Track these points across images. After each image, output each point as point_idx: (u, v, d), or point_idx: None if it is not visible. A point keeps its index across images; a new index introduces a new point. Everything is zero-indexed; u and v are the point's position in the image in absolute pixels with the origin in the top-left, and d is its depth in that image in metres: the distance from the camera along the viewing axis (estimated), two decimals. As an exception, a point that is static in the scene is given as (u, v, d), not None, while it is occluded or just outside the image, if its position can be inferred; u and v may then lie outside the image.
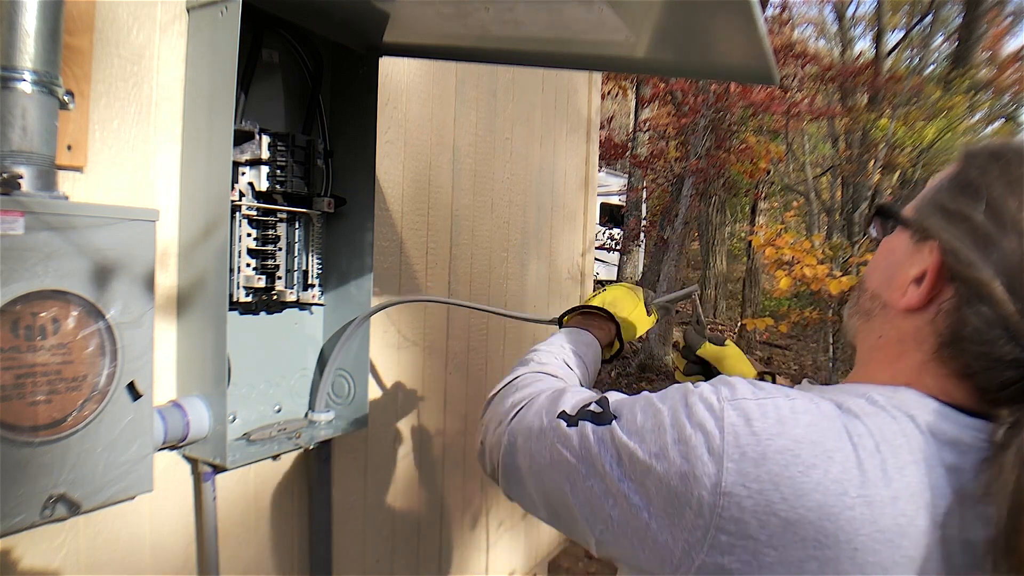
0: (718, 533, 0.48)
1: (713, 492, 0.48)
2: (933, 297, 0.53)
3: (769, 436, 0.48)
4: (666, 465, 0.51)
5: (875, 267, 0.62)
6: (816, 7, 15.06)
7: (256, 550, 1.27)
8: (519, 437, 0.67)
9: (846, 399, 0.52)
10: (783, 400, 0.51)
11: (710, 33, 0.98)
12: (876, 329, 0.59)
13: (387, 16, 1.20)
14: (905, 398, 0.52)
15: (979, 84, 9.96)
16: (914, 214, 0.58)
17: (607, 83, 7.72)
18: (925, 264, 0.54)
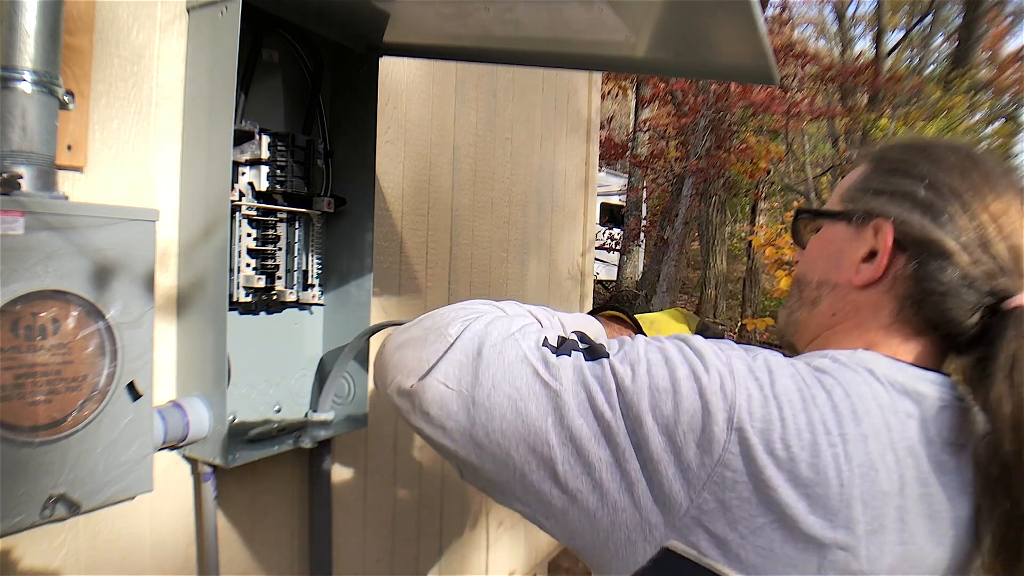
0: (724, 469, 0.50)
1: (725, 428, 0.50)
2: (887, 268, 0.60)
3: (767, 382, 0.52)
4: (676, 399, 0.51)
5: (813, 261, 0.68)
6: (816, 7, 15.06)
7: (256, 550, 1.27)
8: (471, 355, 0.56)
9: (811, 360, 0.57)
10: (769, 355, 0.56)
11: (710, 33, 0.98)
12: (827, 309, 0.65)
13: (387, 16, 1.20)
14: (863, 356, 0.58)
15: (979, 84, 9.97)
16: (846, 204, 0.65)
17: (607, 83, 7.72)
18: (871, 243, 0.62)
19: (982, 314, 0.58)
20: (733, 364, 0.53)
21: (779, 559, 0.50)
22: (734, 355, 0.55)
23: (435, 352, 0.58)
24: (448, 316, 0.61)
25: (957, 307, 0.58)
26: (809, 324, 0.67)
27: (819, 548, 0.50)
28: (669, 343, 0.56)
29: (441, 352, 0.57)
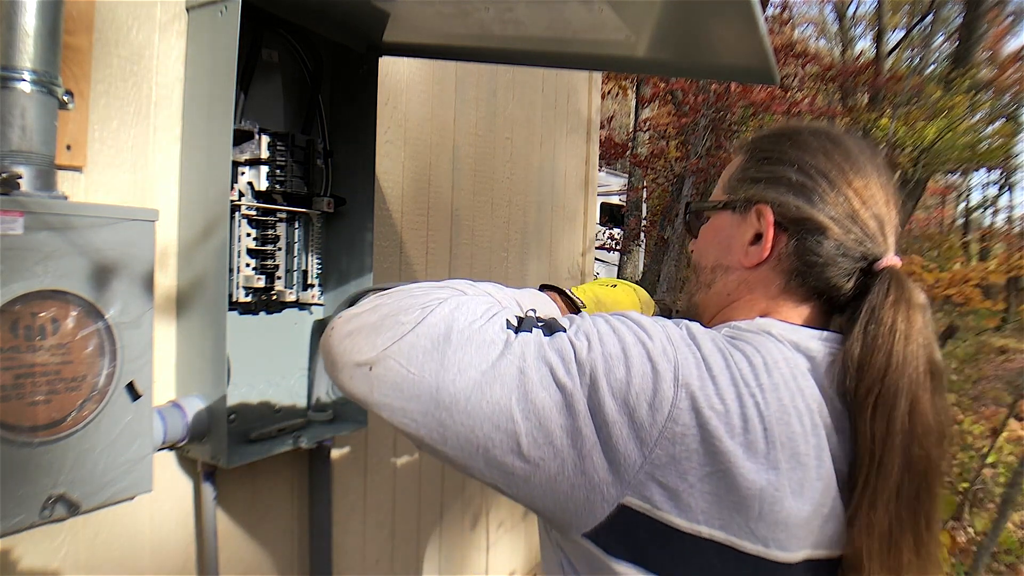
0: (673, 424, 0.54)
1: (672, 386, 0.54)
2: (772, 247, 0.67)
3: (695, 347, 0.58)
4: (627, 364, 0.55)
5: (705, 248, 0.75)
6: (816, 7, 15.05)
7: (256, 550, 1.27)
8: (444, 339, 0.57)
9: (720, 329, 0.65)
10: (692, 325, 0.61)
11: (710, 33, 0.98)
12: (722, 291, 0.72)
13: (387, 16, 1.20)
14: (761, 322, 0.65)
15: (980, 84, 9.96)
16: (729, 194, 0.72)
17: (607, 83, 7.72)
18: (755, 226, 0.68)
19: (857, 277, 0.66)
20: (669, 332, 0.59)
21: (724, 505, 0.55)
22: (668, 325, 0.60)
23: (390, 338, 0.58)
24: (405, 302, 0.60)
25: (835, 274, 0.65)
26: (708, 304, 0.74)
27: (757, 491, 0.55)
28: (614, 318, 0.61)
29: (398, 337, 0.57)
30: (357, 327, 0.60)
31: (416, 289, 0.64)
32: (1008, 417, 4.06)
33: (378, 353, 0.57)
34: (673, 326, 0.60)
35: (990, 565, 3.11)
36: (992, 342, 9.96)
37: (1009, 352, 9.83)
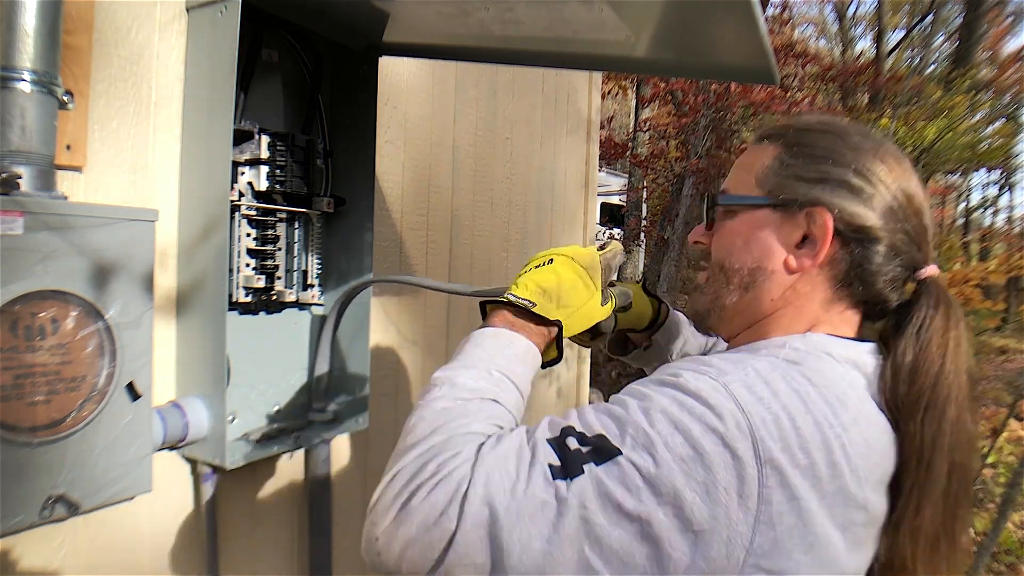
0: (766, 506, 0.50)
1: (755, 465, 0.50)
2: (825, 253, 0.63)
3: (769, 399, 0.53)
4: (705, 462, 0.50)
5: (738, 247, 0.68)
6: (817, 7, 15.06)
7: (256, 550, 1.27)
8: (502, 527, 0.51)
9: (778, 352, 0.60)
10: (754, 363, 0.57)
11: (710, 33, 0.98)
12: (763, 296, 0.67)
13: (387, 16, 1.20)
14: (816, 340, 0.62)
15: (980, 84, 9.96)
16: (769, 191, 0.67)
17: (607, 83, 7.72)
18: (803, 229, 0.64)
19: (901, 287, 0.65)
20: (734, 392, 0.53)
21: (834, 561, 0.53)
22: (729, 380, 0.54)
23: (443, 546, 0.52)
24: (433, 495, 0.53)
25: (884, 284, 0.64)
26: (742, 310, 0.68)
27: (855, 535, 0.54)
28: (664, 399, 0.54)
29: (448, 541, 0.52)
30: (405, 542, 0.54)
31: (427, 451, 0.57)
32: (1008, 417, 4.07)
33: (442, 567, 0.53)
34: (736, 376, 0.54)
35: (990, 565, 3.11)
36: (992, 342, 9.96)
37: (1009, 352, 9.83)
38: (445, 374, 0.66)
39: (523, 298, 0.74)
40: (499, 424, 0.62)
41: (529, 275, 0.77)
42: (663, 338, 1.04)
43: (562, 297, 0.76)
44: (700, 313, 0.73)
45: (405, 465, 0.58)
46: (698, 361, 0.58)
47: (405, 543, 0.54)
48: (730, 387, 0.54)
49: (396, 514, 0.55)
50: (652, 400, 0.54)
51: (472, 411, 0.61)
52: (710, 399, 0.52)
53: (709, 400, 0.52)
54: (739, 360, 0.58)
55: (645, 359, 1.07)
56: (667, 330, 1.04)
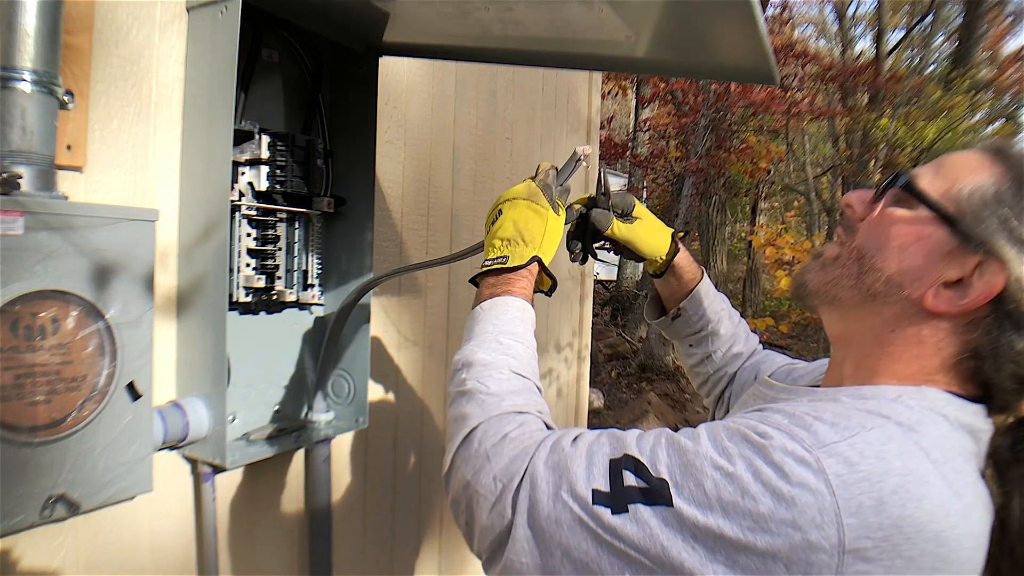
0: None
1: (833, 553, 0.45)
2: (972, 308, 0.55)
3: (878, 477, 0.46)
4: (767, 538, 0.46)
5: (890, 246, 0.60)
6: (816, 7, 15.06)
7: (256, 550, 1.27)
8: (534, 528, 0.54)
9: (891, 410, 0.52)
10: (863, 438, 0.49)
11: (710, 33, 0.97)
12: (888, 320, 0.59)
13: (387, 16, 1.20)
14: (932, 398, 0.54)
15: (979, 84, 9.96)
16: (963, 213, 0.57)
17: (607, 83, 7.72)
18: (966, 271, 0.55)
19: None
20: (828, 469, 0.46)
21: None
22: (826, 453, 0.47)
23: (497, 530, 0.57)
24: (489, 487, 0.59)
25: (1009, 379, 0.56)
26: (859, 318, 0.61)
27: None
28: (741, 462, 0.49)
29: (504, 529, 0.56)
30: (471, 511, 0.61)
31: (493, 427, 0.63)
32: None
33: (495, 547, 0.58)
34: (838, 447, 0.48)
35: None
36: (992, 342, 9.94)
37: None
38: (462, 356, 0.72)
39: (495, 258, 0.81)
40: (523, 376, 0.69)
41: (490, 234, 0.84)
42: (692, 308, 1.04)
43: (524, 234, 0.80)
44: (808, 288, 0.66)
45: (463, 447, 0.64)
46: (796, 418, 0.51)
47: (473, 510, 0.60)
48: (824, 462, 0.47)
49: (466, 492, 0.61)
50: (731, 459, 0.49)
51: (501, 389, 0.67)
52: (792, 473, 0.47)
53: (791, 474, 0.47)
54: (846, 419, 0.50)
55: (675, 331, 1.08)
56: (696, 300, 1.04)
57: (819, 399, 0.57)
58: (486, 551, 0.59)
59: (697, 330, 1.07)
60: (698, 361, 1.09)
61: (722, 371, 1.07)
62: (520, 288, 0.79)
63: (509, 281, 0.79)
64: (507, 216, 0.82)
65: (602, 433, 0.59)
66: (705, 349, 1.08)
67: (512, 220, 0.81)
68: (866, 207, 0.64)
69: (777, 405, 0.58)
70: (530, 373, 0.71)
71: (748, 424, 0.52)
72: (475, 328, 0.75)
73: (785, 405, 0.56)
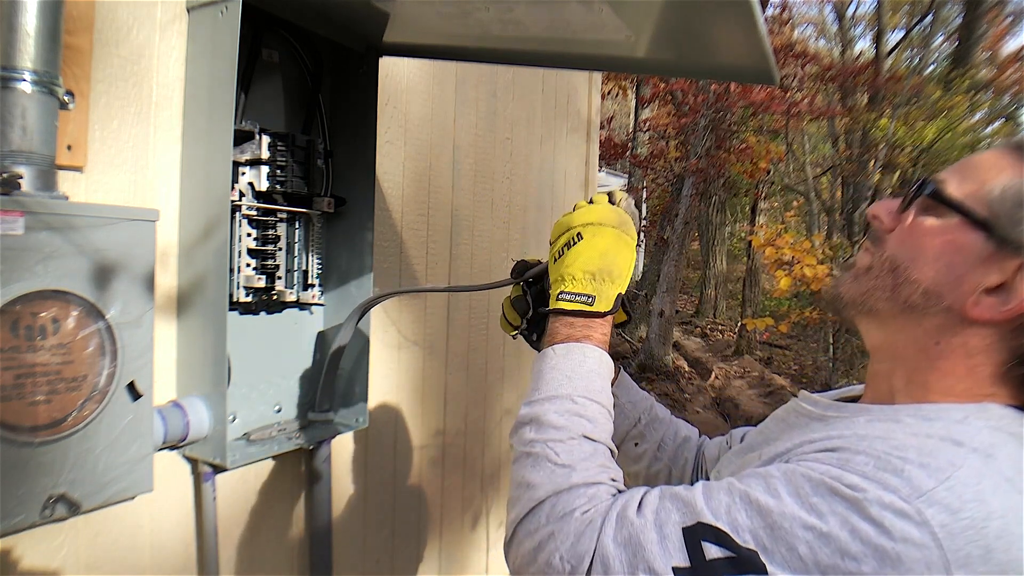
0: None
1: None
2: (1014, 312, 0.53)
3: (981, 522, 0.44)
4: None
5: (924, 256, 0.58)
6: (816, 7, 15.07)
7: (256, 550, 1.27)
8: None
9: (960, 434, 0.50)
10: (958, 472, 0.46)
11: (710, 33, 0.98)
12: (932, 333, 0.57)
13: (387, 16, 1.20)
14: (999, 416, 0.52)
15: (979, 84, 9.97)
16: (996, 217, 0.55)
17: (607, 83, 7.72)
18: (1006, 276, 0.53)
19: None
20: (930, 519, 0.44)
21: None
22: (925, 502, 0.44)
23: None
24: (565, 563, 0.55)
25: None
26: (898, 329, 0.59)
27: None
28: (835, 520, 0.45)
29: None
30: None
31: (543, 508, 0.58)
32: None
33: None
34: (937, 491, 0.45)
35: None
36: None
37: (1009, 352, 9.80)
38: (531, 411, 0.66)
39: (577, 294, 0.72)
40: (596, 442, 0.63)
41: (567, 262, 0.75)
42: (624, 395, 0.94)
43: (613, 270, 0.73)
44: (844, 300, 0.63)
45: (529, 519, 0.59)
46: (883, 462, 0.47)
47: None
48: (925, 513, 0.44)
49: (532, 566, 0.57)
50: (820, 514, 0.46)
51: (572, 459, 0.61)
52: (893, 528, 0.44)
53: (891, 529, 0.44)
54: (933, 458, 0.47)
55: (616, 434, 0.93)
56: (625, 385, 0.94)
57: (877, 418, 0.55)
58: None
59: (636, 419, 0.95)
60: (650, 458, 0.94)
61: (681, 457, 0.94)
62: (601, 335, 0.72)
63: (590, 326, 0.71)
64: (592, 244, 0.74)
65: (664, 495, 0.55)
66: (653, 437, 0.95)
67: (600, 251, 0.73)
68: (893, 218, 0.62)
69: (838, 432, 0.54)
70: (604, 437, 0.65)
71: (831, 474, 0.48)
72: (547, 376, 0.68)
73: (855, 439, 0.52)
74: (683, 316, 10.38)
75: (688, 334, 9.89)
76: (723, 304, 11.61)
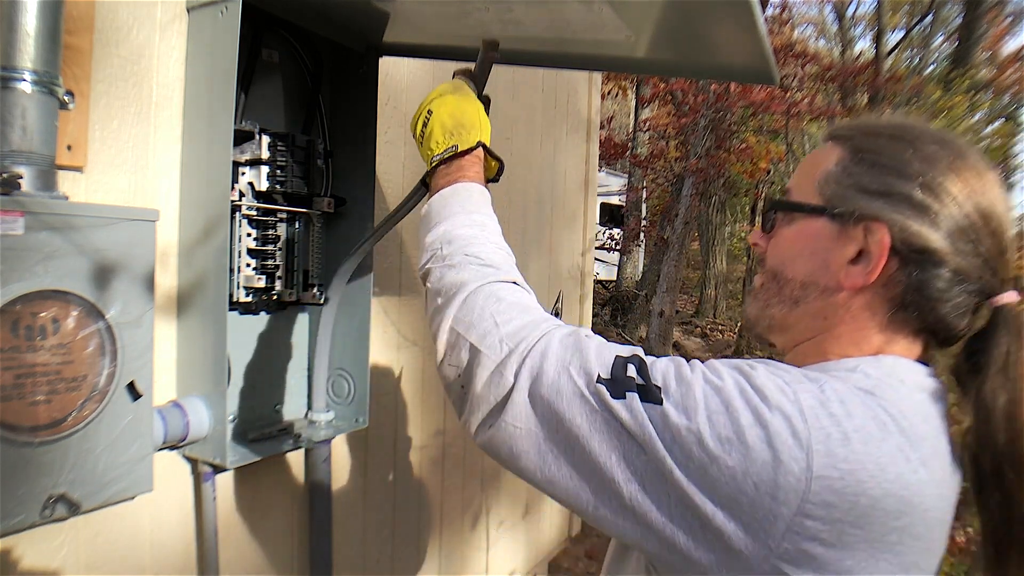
0: (804, 519, 0.48)
1: (802, 477, 0.48)
2: (879, 272, 0.59)
3: (844, 416, 0.50)
4: (742, 450, 0.49)
5: (792, 257, 0.65)
6: (816, 7, 15.07)
7: (256, 550, 1.27)
8: (534, 396, 0.58)
9: (850, 376, 0.56)
10: (831, 387, 0.53)
11: (710, 33, 0.98)
12: (816, 313, 0.63)
13: (387, 16, 1.20)
14: (889, 365, 0.58)
15: (979, 84, 9.96)
16: (829, 200, 0.62)
17: (607, 83, 7.72)
18: (859, 243, 0.60)
19: (970, 314, 0.60)
20: (802, 401, 0.51)
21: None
22: (801, 389, 0.52)
23: (497, 396, 0.60)
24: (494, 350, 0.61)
25: (951, 310, 0.59)
26: (793, 324, 0.65)
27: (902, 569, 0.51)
28: (729, 379, 0.53)
29: (504, 395, 0.60)
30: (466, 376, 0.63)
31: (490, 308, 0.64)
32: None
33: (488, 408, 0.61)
34: (809, 389, 0.52)
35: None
36: (992, 342, 9.93)
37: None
38: (438, 232, 0.73)
39: (443, 150, 0.83)
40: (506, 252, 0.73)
41: (427, 136, 0.86)
42: None
43: (464, 121, 0.84)
44: (751, 320, 0.70)
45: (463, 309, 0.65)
46: (778, 366, 0.57)
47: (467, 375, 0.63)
48: (799, 395, 0.51)
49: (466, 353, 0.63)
50: (720, 377, 0.54)
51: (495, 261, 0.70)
52: (771, 397, 0.51)
53: (770, 398, 0.51)
54: (815, 378, 0.54)
55: None
56: None
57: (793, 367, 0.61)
58: (481, 414, 0.61)
59: None
60: None
61: None
62: (475, 173, 0.81)
63: (461, 168, 0.81)
64: (440, 112, 0.85)
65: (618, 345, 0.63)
66: None
67: (447, 113, 0.84)
68: (765, 239, 0.70)
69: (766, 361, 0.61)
70: (508, 249, 0.74)
71: (737, 361, 0.57)
72: (442, 212, 0.76)
73: (771, 362, 0.60)
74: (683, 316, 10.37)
75: (688, 334, 9.89)
76: (723, 304, 11.60)
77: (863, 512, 0.49)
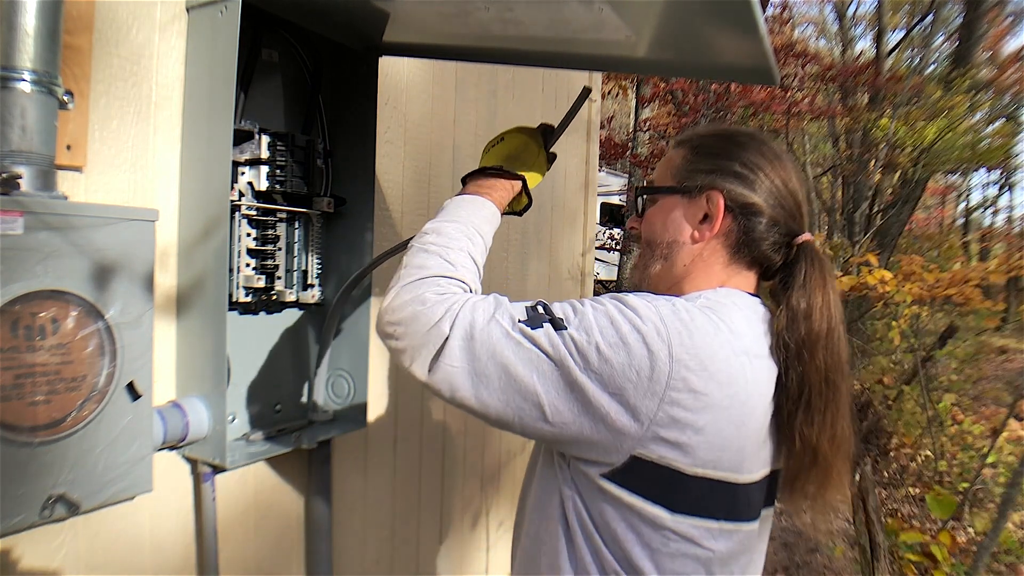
0: (671, 392, 0.69)
1: (667, 361, 0.69)
2: (719, 226, 0.83)
3: (687, 320, 0.72)
4: (626, 350, 0.69)
5: (659, 227, 0.87)
6: (816, 7, 15.07)
7: (256, 550, 1.27)
8: (467, 340, 0.73)
9: (695, 300, 0.77)
10: (680, 303, 0.75)
11: (710, 33, 0.97)
12: (680, 262, 0.85)
13: (387, 16, 1.20)
14: (725, 292, 0.81)
15: (980, 84, 9.95)
16: (681, 181, 0.86)
17: (607, 83, 7.71)
18: (704, 208, 0.83)
19: (783, 249, 0.84)
20: (661, 311, 0.72)
21: (716, 449, 0.72)
22: (659, 303, 0.74)
23: (436, 344, 0.74)
24: (434, 310, 0.76)
25: (768, 247, 0.83)
26: (664, 275, 0.86)
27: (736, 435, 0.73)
28: (610, 304, 0.74)
29: (441, 343, 0.74)
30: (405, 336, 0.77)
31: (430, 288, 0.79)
32: (1008, 417, 4.06)
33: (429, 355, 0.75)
34: (665, 305, 0.74)
35: (990, 565, 3.11)
36: (992, 342, 9.94)
37: (1009, 352, 9.83)
38: (435, 225, 0.88)
39: (492, 168, 1.00)
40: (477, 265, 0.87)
41: (493, 154, 1.06)
42: None
43: (520, 156, 1.04)
44: (635, 284, 0.91)
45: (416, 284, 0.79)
46: (642, 294, 0.77)
47: (405, 335, 0.77)
48: (660, 309, 0.73)
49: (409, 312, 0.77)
50: (602, 304, 0.74)
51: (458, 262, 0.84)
52: (640, 310, 0.72)
53: (639, 311, 0.72)
54: (670, 298, 0.76)
55: None
56: None
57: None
58: (424, 359, 0.75)
59: None
60: None
61: None
62: (499, 196, 0.97)
63: (493, 187, 0.97)
64: (508, 141, 1.06)
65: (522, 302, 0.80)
66: None
67: (514, 145, 1.05)
68: (639, 222, 0.91)
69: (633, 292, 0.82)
70: (481, 264, 0.90)
71: (612, 293, 0.78)
72: (451, 210, 0.91)
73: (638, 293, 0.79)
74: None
75: (688, 334, 9.86)
76: (723, 304, 11.58)
77: (707, 382, 0.70)
